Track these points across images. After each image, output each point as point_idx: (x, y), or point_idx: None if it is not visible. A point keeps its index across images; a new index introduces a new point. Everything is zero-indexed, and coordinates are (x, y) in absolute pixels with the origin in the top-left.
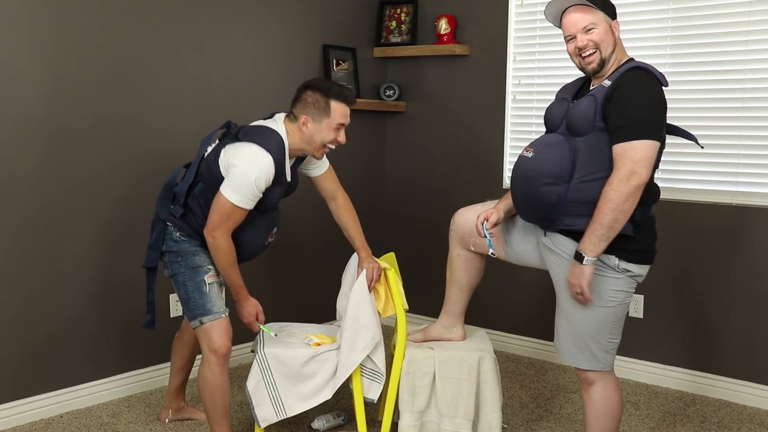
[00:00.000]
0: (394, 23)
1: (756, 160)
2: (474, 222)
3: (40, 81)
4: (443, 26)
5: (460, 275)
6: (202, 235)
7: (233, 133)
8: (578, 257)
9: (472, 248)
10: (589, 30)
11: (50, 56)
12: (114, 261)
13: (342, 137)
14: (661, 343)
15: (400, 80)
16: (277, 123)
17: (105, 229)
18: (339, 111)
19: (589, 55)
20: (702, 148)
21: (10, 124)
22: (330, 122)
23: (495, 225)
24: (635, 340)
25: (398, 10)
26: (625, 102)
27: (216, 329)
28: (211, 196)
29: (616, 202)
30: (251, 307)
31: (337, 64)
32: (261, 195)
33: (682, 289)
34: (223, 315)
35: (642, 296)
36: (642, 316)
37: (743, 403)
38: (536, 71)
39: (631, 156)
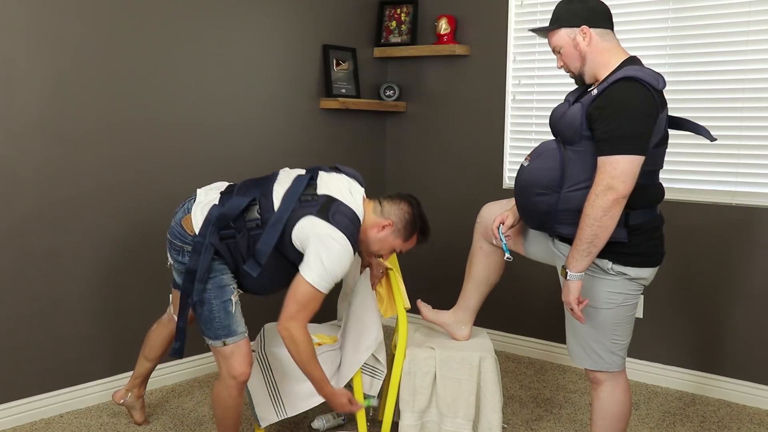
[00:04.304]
0: (394, 23)
1: (756, 160)
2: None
3: (40, 81)
4: (443, 26)
5: (479, 269)
6: (234, 262)
7: (322, 205)
8: (564, 273)
9: (494, 242)
10: (558, 52)
11: (50, 56)
12: (113, 261)
13: (387, 256)
14: (661, 343)
15: (400, 80)
16: (357, 202)
17: (105, 228)
18: (412, 243)
19: (568, 72)
20: (714, 140)
21: (10, 124)
22: (398, 244)
23: (511, 227)
24: (635, 340)
25: (398, 10)
26: (608, 116)
27: (237, 355)
28: (263, 247)
29: (593, 218)
30: (343, 398)
31: (337, 64)
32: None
33: (682, 289)
34: (245, 335)
35: (642, 296)
36: (642, 316)
37: (743, 403)
38: (536, 71)
39: (609, 171)
